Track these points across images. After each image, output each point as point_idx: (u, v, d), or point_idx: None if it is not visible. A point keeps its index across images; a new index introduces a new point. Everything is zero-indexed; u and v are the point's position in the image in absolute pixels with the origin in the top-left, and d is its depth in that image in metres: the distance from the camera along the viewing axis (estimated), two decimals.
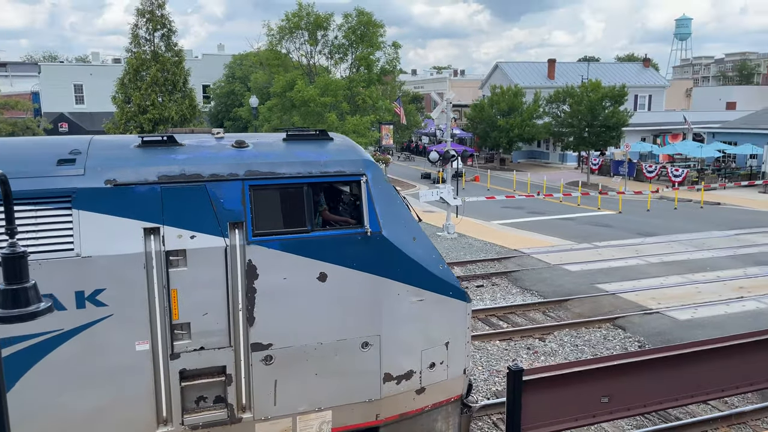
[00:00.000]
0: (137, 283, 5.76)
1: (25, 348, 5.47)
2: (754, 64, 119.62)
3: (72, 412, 5.69)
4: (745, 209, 28.32)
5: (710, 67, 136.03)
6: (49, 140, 6.85)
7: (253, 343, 6.14)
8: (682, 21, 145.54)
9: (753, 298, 14.44)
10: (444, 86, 68.84)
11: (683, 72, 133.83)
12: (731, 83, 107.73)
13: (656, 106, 60.92)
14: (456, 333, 7.02)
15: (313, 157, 6.56)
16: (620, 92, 41.52)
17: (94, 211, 5.68)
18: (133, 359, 5.80)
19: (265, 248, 6.08)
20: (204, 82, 63.16)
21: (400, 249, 6.62)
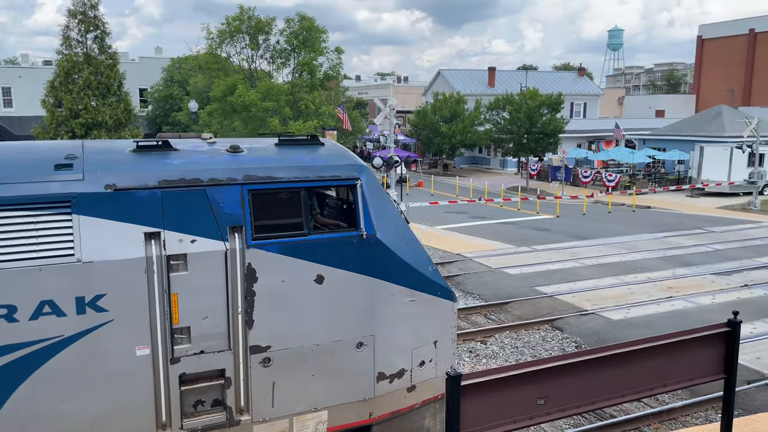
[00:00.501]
0: (138, 288, 5.74)
1: (25, 355, 5.40)
2: (681, 73, 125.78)
3: (72, 420, 5.64)
4: (673, 212, 29.67)
5: (641, 76, 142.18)
6: (41, 145, 6.81)
7: (251, 345, 6.19)
8: (615, 32, 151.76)
9: (681, 298, 15.12)
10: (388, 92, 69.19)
11: (616, 81, 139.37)
12: (660, 92, 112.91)
13: (591, 113, 63.17)
14: (444, 332, 7.25)
15: (308, 162, 6.67)
16: (557, 100, 42.86)
17: (94, 216, 5.66)
18: (133, 364, 5.79)
19: (264, 252, 6.16)
20: (141, 86, 61.33)
21: (394, 251, 6.77)
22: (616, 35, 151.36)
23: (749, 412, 9.53)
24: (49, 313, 5.45)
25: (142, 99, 61.73)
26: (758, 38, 72.74)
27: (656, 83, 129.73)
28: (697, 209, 30.46)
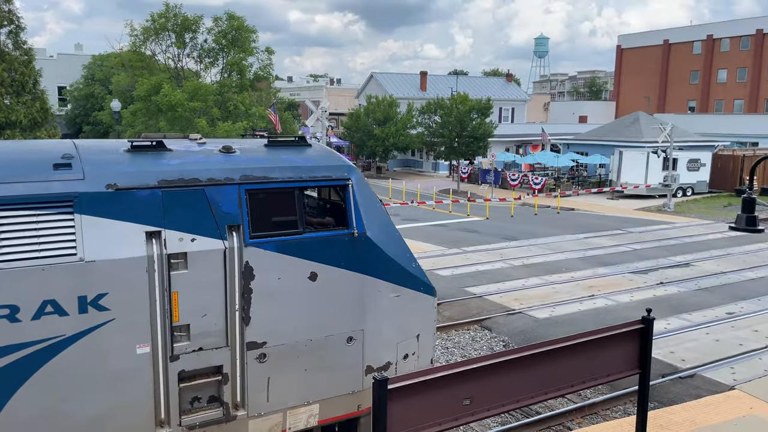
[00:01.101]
0: (139, 287, 5.80)
1: (27, 355, 5.40)
2: (602, 81, 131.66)
3: (73, 419, 5.66)
4: (595, 214, 30.95)
5: (565, 83, 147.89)
6: (31, 144, 6.83)
7: (248, 342, 6.33)
8: (541, 40, 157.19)
9: (602, 296, 15.76)
10: (321, 94, 68.91)
11: (542, 87, 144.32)
12: (583, 98, 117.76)
13: (518, 118, 65.09)
14: (425, 326, 7.56)
15: (300, 162, 6.87)
16: (486, 105, 43.93)
17: (96, 216, 5.70)
18: (133, 363, 5.85)
19: (261, 250, 6.32)
20: (60, 84, 58.43)
21: (382, 249, 7.04)
22: (542, 43, 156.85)
23: (664, 404, 10.02)
24: (51, 312, 5.48)
25: (60, 98, 58.81)
26: (672, 49, 77.14)
27: (579, 90, 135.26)
28: (617, 211, 31.90)
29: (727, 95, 71.40)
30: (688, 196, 37.15)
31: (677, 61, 76.31)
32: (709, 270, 18.56)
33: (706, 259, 20.02)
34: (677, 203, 34.07)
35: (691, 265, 19.25)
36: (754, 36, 68.49)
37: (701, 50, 73.75)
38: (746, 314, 14.31)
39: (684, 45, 75.56)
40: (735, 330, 13.25)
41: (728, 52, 71.28)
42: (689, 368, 11.27)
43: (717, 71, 72.43)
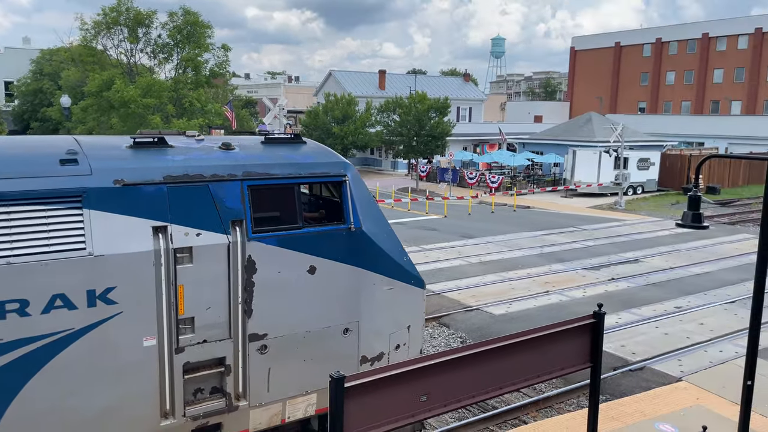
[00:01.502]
0: (146, 281, 5.88)
1: (36, 348, 5.44)
2: (556, 82, 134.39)
3: (80, 412, 5.71)
4: (550, 212, 31.59)
5: (521, 83, 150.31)
6: (34, 139, 6.78)
7: (250, 334, 6.50)
8: (497, 40, 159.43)
9: (557, 292, 16.10)
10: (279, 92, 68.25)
11: (499, 87, 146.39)
12: (538, 99, 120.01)
13: (476, 117, 65.88)
14: (416, 317, 7.86)
15: (299, 159, 7.07)
16: (444, 104, 44.31)
17: (104, 211, 5.76)
18: (140, 355, 5.93)
19: (263, 244, 6.48)
20: (7, 79, 56.28)
21: (376, 243, 7.28)
22: (499, 44, 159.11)
23: (616, 396, 10.31)
24: (61, 306, 5.53)
25: (7, 93, 56.70)
26: (623, 51, 79.33)
27: (535, 90, 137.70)
28: (571, 209, 32.63)
29: (675, 97, 73.90)
30: (639, 194, 38.28)
31: (628, 63, 78.55)
32: (657, 266, 19.17)
33: (654, 255, 20.67)
34: (628, 201, 35.05)
35: (640, 261, 19.85)
36: (700, 40, 71.07)
37: (651, 53, 76.11)
38: (693, 308, 14.84)
39: (634, 48, 77.85)
40: (682, 323, 13.73)
41: (676, 55, 73.79)
42: (639, 361, 11.62)
43: (665, 73, 74.89)
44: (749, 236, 24.09)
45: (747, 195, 38.31)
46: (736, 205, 35.30)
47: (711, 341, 12.64)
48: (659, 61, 75.20)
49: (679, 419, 9.14)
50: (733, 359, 11.49)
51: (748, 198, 37.02)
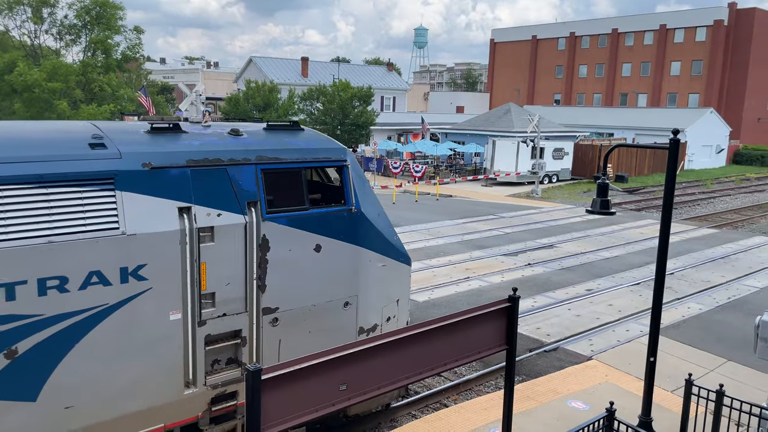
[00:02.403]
0: (173, 258, 6.28)
1: (74, 323, 5.76)
2: (477, 73, 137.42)
3: (112, 383, 6.06)
4: (471, 200, 32.35)
5: (443, 74, 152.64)
6: (58, 124, 7.04)
7: (264, 307, 7.03)
8: (420, 31, 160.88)
9: (477, 278, 16.53)
10: (197, 77, 66.02)
11: (422, 77, 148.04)
12: (460, 89, 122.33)
13: (399, 107, 66.34)
14: (403, 291, 8.66)
15: (303, 145, 7.58)
16: (368, 93, 44.32)
17: (134, 192, 6.11)
18: (167, 329, 6.34)
19: (276, 224, 7.00)
20: None
21: (373, 223, 7.93)
22: (422, 34, 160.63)
23: (531, 376, 10.72)
24: (96, 283, 5.86)
25: None
26: (539, 44, 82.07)
27: (457, 81, 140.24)
28: (491, 197, 33.55)
29: (588, 89, 77.34)
30: (554, 182, 39.85)
31: (544, 56, 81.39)
32: (570, 251, 20.06)
33: (568, 241, 21.62)
34: (544, 190, 36.43)
35: (555, 246, 20.71)
36: (610, 35, 74.58)
37: (565, 47, 79.16)
38: (602, 290, 15.65)
39: (550, 41, 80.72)
40: (593, 305, 14.45)
41: (588, 49, 77.12)
42: (553, 342, 12.13)
43: (578, 67, 78.17)
44: (653, 221, 25.63)
45: (652, 183, 40.72)
46: (642, 192, 37.45)
47: (618, 321, 13.38)
48: (573, 55, 78.38)
49: (589, 396, 9.62)
50: (638, 338, 12.21)
51: (653, 186, 39.36)
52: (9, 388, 5.58)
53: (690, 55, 67.84)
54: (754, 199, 35.84)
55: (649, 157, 45.13)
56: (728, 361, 11.22)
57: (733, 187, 40.89)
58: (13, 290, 5.47)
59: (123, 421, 6.22)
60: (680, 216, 28.71)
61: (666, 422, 8.50)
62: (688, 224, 26.07)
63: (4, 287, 5.43)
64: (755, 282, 16.75)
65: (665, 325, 12.57)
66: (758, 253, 20.45)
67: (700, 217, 28.62)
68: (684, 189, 38.97)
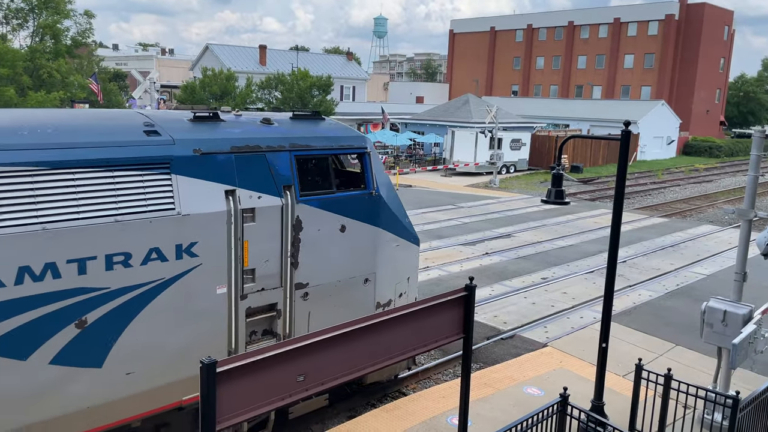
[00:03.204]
0: (221, 237, 6.82)
1: (136, 296, 6.25)
2: (437, 64, 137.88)
3: (167, 350, 6.54)
4: (431, 190, 32.55)
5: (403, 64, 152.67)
6: (109, 112, 7.48)
7: (296, 283, 7.61)
8: (380, 20, 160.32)
9: (436, 267, 16.67)
10: (151, 65, 64.35)
11: (382, 67, 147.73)
12: (420, 80, 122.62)
13: (359, 97, 66.14)
14: (413, 270, 9.33)
15: (329, 133, 8.18)
16: (327, 82, 43.99)
17: (187, 176, 6.61)
18: (214, 301, 6.88)
19: (308, 206, 7.59)
20: None
21: (389, 206, 8.61)
22: (381, 23, 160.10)
23: (488, 364, 10.89)
24: (155, 259, 6.36)
25: None
26: (498, 36, 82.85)
27: (417, 71, 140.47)
28: (450, 187, 33.82)
29: (544, 81, 78.55)
30: (511, 173, 40.44)
31: (502, 48, 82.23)
32: (527, 240, 20.41)
33: (525, 231, 21.99)
34: (502, 180, 36.92)
35: (512, 236, 21.03)
36: (566, 27, 75.84)
37: (523, 38, 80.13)
38: (557, 278, 15.99)
39: (508, 33, 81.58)
40: (548, 293, 14.75)
41: (545, 42, 78.27)
42: (510, 330, 12.35)
43: (536, 59, 79.28)
44: (606, 211, 26.30)
45: (606, 173, 41.74)
46: (596, 182, 38.35)
47: (573, 308, 13.70)
48: (530, 47, 79.43)
49: (544, 382, 9.84)
50: (591, 324, 12.54)
51: (607, 176, 40.35)
52: (79, 356, 6.04)
53: (643, 48, 69.61)
54: (702, 189, 37.14)
55: (604, 148, 46.21)
56: (676, 345, 11.63)
57: (682, 178, 42.27)
58: (85, 265, 5.96)
59: (174, 386, 6.68)
60: (632, 205, 29.53)
61: (617, 405, 8.77)
62: (639, 213, 26.84)
63: (77, 262, 5.90)
64: (702, 269, 17.39)
65: (617, 311, 12.93)
66: (705, 241, 21.21)
67: (651, 207, 29.51)
68: (636, 179, 40.08)
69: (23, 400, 5.79)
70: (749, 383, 9.65)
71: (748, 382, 9.78)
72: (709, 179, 42.20)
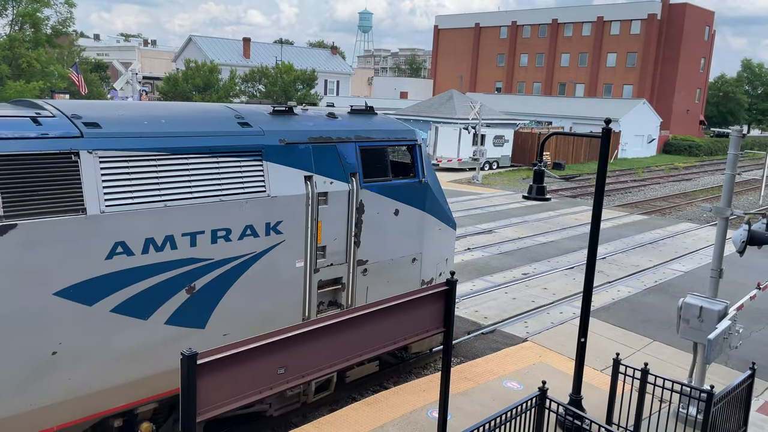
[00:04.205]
0: (301, 217, 7.75)
1: (234, 266, 7.17)
2: (421, 59, 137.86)
3: (255, 315, 7.45)
4: None
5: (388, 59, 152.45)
6: (200, 105, 8.53)
7: (358, 259, 8.59)
8: (365, 15, 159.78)
9: None
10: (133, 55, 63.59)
11: (366, 62, 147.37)
12: (404, 75, 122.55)
13: (344, 91, 66.00)
14: (450, 251, 10.41)
15: (385, 127, 9.20)
16: (311, 76, 43.87)
17: (274, 163, 7.53)
18: (294, 274, 7.82)
19: (369, 191, 8.59)
20: None
21: (434, 193, 9.63)
22: (366, 18, 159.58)
23: (469, 358, 10.98)
24: (249, 235, 7.27)
25: None
26: (482, 32, 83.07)
27: (401, 66, 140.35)
28: None
29: (528, 78, 78.97)
30: (494, 169, 40.64)
31: (486, 44, 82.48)
32: (508, 236, 20.55)
33: (507, 226, 22.14)
34: (484, 176, 37.09)
35: (494, 231, 21.16)
36: (550, 25, 76.27)
37: (507, 35, 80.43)
38: (538, 274, 16.14)
39: (492, 29, 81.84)
40: (528, 288, 14.88)
41: (529, 39, 78.65)
42: (490, 324, 12.45)
43: (520, 56, 79.66)
44: (587, 208, 26.55)
45: (587, 171, 42.13)
46: (578, 179, 38.70)
47: (552, 304, 13.85)
48: (514, 44, 79.77)
49: (523, 376, 9.94)
50: (570, 319, 12.68)
51: (588, 173, 40.73)
52: (187, 318, 6.93)
53: (625, 47, 70.26)
54: (681, 187, 37.66)
55: (585, 146, 46.63)
56: (654, 341, 11.81)
57: (662, 176, 42.82)
58: (195, 238, 6.85)
59: None
60: (613, 203, 29.86)
61: (595, 399, 8.89)
62: (619, 211, 27.16)
63: (189, 236, 6.81)
64: (680, 266, 17.66)
65: (596, 307, 13.10)
66: (683, 238, 21.54)
67: (631, 204, 29.86)
68: (617, 177, 40.51)
69: (142, 355, 6.61)
70: (723, 378, 9.84)
71: (722, 376, 9.97)
72: (688, 178, 42.80)
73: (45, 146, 5.97)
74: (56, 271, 5.97)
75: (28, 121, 6.17)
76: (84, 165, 6.13)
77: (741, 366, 10.46)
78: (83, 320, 6.19)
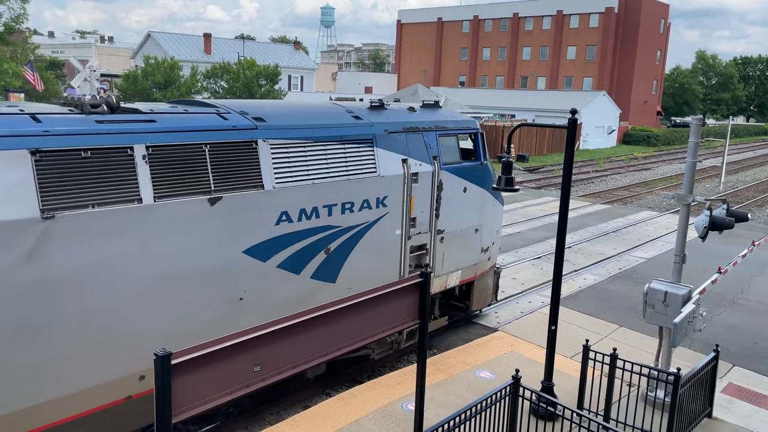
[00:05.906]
0: (399, 193, 9.30)
1: (354, 233, 8.77)
2: (385, 54, 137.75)
3: (368, 270, 9.00)
4: None
5: (351, 54, 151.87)
6: (317, 102, 10.58)
7: (437, 229, 10.18)
8: (327, 10, 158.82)
9: None
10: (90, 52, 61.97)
11: (329, 57, 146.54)
12: (368, 70, 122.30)
13: (308, 86, 65.54)
14: (500, 224, 12.12)
15: (453, 118, 10.80)
16: (274, 71, 43.36)
17: (381, 148, 9.08)
18: (394, 239, 9.41)
19: (446, 172, 10.16)
20: None
21: (491, 173, 11.07)
22: (328, 13, 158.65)
23: (442, 350, 11.05)
24: (365, 207, 8.84)
25: None
26: (445, 26, 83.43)
27: (365, 61, 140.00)
28: None
29: (491, 71, 79.69)
30: None
31: (449, 39, 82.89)
32: None
33: None
34: None
35: None
36: (512, 19, 77.06)
37: (469, 29, 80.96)
38: (506, 265, 16.30)
39: (455, 23, 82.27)
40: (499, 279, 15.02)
41: (491, 33, 79.33)
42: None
43: (482, 50, 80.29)
44: (551, 199, 26.96)
45: (551, 162, 42.78)
46: (542, 171, 39.26)
47: (522, 293, 14.03)
48: (476, 38, 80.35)
49: (495, 366, 10.06)
50: (539, 308, 12.87)
51: (552, 165, 41.36)
52: (325, 274, 8.51)
53: (584, 40, 71.47)
54: (641, 176, 38.55)
55: (548, 138, 47.32)
56: (620, 326, 12.08)
57: (623, 166, 43.77)
58: (331, 209, 8.40)
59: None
60: (576, 193, 30.39)
61: (566, 386, 9.05)
62: (583, 201, 27.66)
63: (327, 207, 8.34)
64: (643, 253, 18.09)
65: (564, 295, 13.32)
66: (645, 226, 22.06)
67: (594, 194, 30.44)
68: (579, 168, 41.22)
69: (295, 303, 7.74)
70: (688, 360, 10.13)
71: (687, 359, 10.26)
72: (647, 167, 43.83)
73: (235, 136, 7.49)
74: (245, 233, 7.53)
75: (216, 116, 7.58)
76: (261, 151, 7.66)
77: (704, 349, 10.78)
78: (260, 274, 7.74)
